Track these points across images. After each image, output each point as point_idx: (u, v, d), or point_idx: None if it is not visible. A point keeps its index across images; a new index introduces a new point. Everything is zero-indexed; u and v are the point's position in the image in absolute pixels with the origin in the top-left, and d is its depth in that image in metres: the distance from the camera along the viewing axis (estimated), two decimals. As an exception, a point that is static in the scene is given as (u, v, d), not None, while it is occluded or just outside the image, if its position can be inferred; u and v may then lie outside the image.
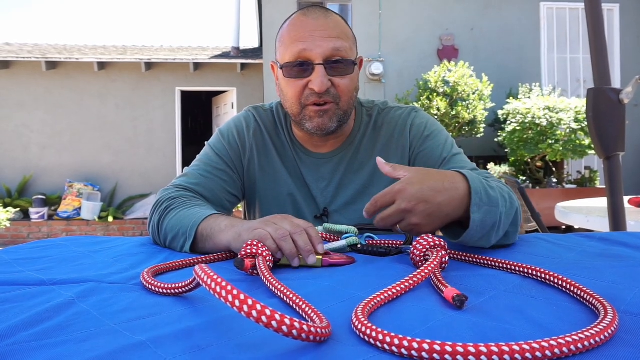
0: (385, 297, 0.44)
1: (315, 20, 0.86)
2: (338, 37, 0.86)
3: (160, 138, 7.17)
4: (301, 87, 0.87)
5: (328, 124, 0.89)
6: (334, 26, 0.87)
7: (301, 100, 0.88)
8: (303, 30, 0.85)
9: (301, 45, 0.84)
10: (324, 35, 0.85)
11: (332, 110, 0.88)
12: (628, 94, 1.35)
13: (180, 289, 0.47)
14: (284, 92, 0.91)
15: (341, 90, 0.88)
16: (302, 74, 0.86)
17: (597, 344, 0.33)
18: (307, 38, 0.84)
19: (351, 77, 0.89)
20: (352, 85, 0.90)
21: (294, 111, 0.90)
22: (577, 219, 1.92)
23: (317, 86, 0.84)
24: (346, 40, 0.87)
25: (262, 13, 6.74)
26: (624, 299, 0.45)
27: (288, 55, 0.86)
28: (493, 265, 0.58)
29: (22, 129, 6.96)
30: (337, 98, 0.88)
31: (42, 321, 0.41)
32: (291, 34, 0.87)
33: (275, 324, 0.33)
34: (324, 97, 0.86)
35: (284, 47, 0.88)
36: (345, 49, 0.86)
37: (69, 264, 0.65)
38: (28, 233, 6.53)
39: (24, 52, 7.01)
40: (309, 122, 0.89)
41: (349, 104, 0.91)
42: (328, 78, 0.85)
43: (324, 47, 0.84)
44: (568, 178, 6.20)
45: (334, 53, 0.85)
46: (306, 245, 0.60)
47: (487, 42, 6.75)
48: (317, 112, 0.88)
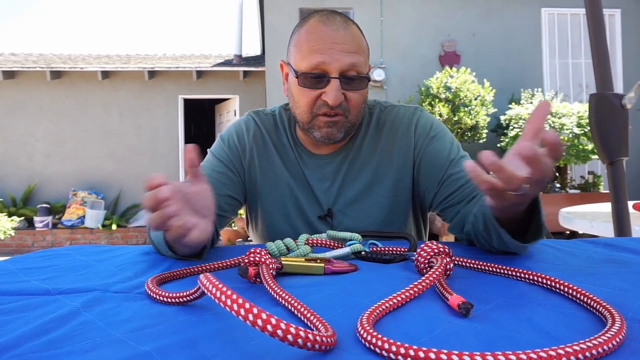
0: (390, 304, 0.44)
1: (335, 32, 0.86)
2: (356, 51, 0.86)
3: (163, 146, 7.20)
4: (314, 97, 0.88)
5: (336, 135, 0.90)
6: (352, 40, 0.87)
7: (313, 110, 0.89)
8: (322, 42, 0.85)
9: (319, 57, 0.85)
10: (342, 49, 0.85)
11: (341, 122, 0.89)
12: (631, 99, 1.35)
13: (185, 297, 0.47)
14: (296, 99, 0.91)
15: (352, 105, 0.89)
16: (317, 85, 0.87)
17: (605, 352, 0.33)
18: (325, 50, 0.85)
19: (363, 92, 0.90)
20: (362, 99, 0.91)
21: (304, 119, 0.91)
22: (582, 225, 1.91)
23: (331, 99, 0.85)
24: (362, 55, 0.88)
25: (264, 21, 6.79)
26: (630, 306, 0.44)
27: (305, 64, 0.86)
28: (498, 272, 0.58)
29: (27, 138, 7.01)
30: (347, 111, 0.89)
31: (48, 331, 0.41)
32: (310, 43, 0.86)
33: (281, 333, 0.33)
34: (335, 110, 0.87)
35: (300, 55, 0.88)
36: (361, 64, 0.87)
37: (73, 273, 0.65)
38: (32, 242, 6.55)
39: (29, 62, 7.08)
40: (317, 131, 0.90)
41: (358, 117, 0.92)
42: (342, 92, 0.86)
43: (341, 62, 0.84)
44: (571, 183, 6.18)
45: (350, 68, 0.85)
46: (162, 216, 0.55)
47: (489, 47, 6.76)
48: (327, 122, 0.89)
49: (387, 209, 0.96)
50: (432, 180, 0.94)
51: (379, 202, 0.96)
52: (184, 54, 8.46)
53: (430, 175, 0.94)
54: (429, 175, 0.94)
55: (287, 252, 0.72)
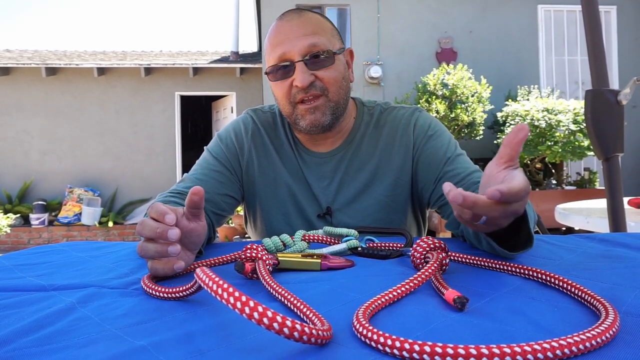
0: (386, 299, 0.44)
1: (289, 22, 0.90)
2: (313, 32, 0.88)
3: (160, 143, 7.17)
4: (287, 87, 0.89)
5: (321, 119, 0.90)
6: (307, 23, 0.89)
7: (290, 99, 0.90)
8: (279, 35, 0.89)
9: (279, 49, 0.88)
10: (298, 34, 0.87)
11: (323, 103, 0.89)
12: (626, 95, 1.36)
13: (181, 292, 0.47)
14: (275, 95, 0.94)
15: (327, 82, 0.89)
16: (286, 75, 0.89)
17: (598, 345, 0.33)
18: (283, 41, 0.88)
19: (334, 67, 0.90)
20: (339, 75, 0.91)
21: (287, 111, 0.92)
22: (577, 220, 1.92)
23: (300, 82, 0.86)
24: (322, 34, 0.89)
25: (261, 17, 6.76)
26: (624, 300, 0.45)
27: (271, 60, 0.90)
28: (493, 267, 0.58)
29: (23, 135, 6.97)
30: (325, 90, 0.89)
31: (43, 327, 0.41)
32: (271, 41, 0.91)
33: (277, 326, 0.33)
34: (310, 91, 0.88)
35: (267, 54, 0.92)
36: (321, 42, 0.88)
37: (69, 269, 0.65)
38: (28, 239, 6.52)
39: (24, 59, 7.02)
40: (302, 121, 0.91)
41: (339, 94, 0.91)
42: (310, 73, 0.87)
43: (299, 45, 0.87)
44: (567, 179, 6.21)
45: (310, 48, 0.87)
46: (152, 231, 0.53)
47: (486, 44, 6.77)
48: (308, 109, 0.89)
49: (386, 207, 0.97)
50: (429, 178, 0.94)
51: (378, 200, 0.97)
52: (180, 50, 8.42)
53: (427, 174, 0.95)
54: (426, 173, 0.95)
55: (284, 248, 0.72)
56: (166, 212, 0.53)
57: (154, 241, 0.54)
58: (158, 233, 0.52)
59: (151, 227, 0.53)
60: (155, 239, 0.54)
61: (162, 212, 0.53)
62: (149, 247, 0.54)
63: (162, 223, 0.53)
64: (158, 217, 0.54)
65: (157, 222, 0.53)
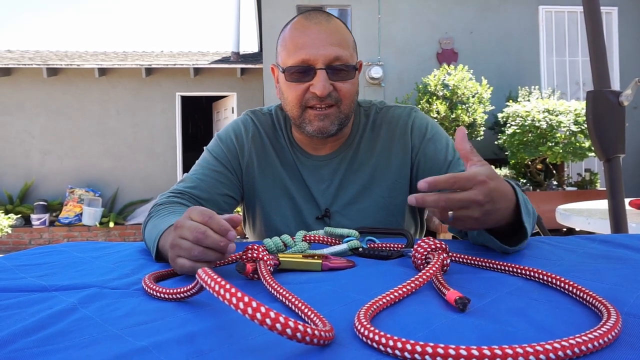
0: (388, 300, 0.44)
1: (317, 25, 0.87)
2: (339, 44, 0.87)
3: (160, 143, 7.17)
4: (302, 90, 0.88)
5: (329, 127, 0.90)
6: (335, 32, 0.88)
7: (302, 103, 0.89)
8: (305, 36, 0.87)
9: (304, 51, 0.86)
10: (325, 42, 0.86)
11: (334, 113, 0.90)
12: (627, 96, 1.36)
13: (182, 293, 0.47)
14: (285, 95, 0.92)
15: (343, 94, 0.89)
16: (304, 78, 0.88)
17: (600, 346, 0.33)
18: (309, 44, 0.86)
19: (352, 81, 0.90)
20: (353, 89, 0.91)
21: (294, 114, 0.91)
22: (578, 222, 1.92)
23: (319, 90, 0.86)
24: (346, 48, 0.89)
25: (262, 17, 6.76)
26: (626, 301, 0.45)
27: (291, 60, 0.88)
28: (495, 267, 0.58)
29: (24, 135, 6.97)
30: (339, 101, 0.89)
31: (44, 327, 0.41)
32: (294, 39, 0.88)
33: (280, 327, 0.33)
34: (325, 101, 0.88)
35: (286, 52, 0.89)
36: (346, 56, 0.88)
37: (70, 269, 0.65)
38: (29, 239, 6.52)
39: (25, 59, 7.03)
40: (309, 125, 0.90)
41: (350, 107, 0.92)
42: (330, 82, 0.87)
43: (326, 54, 0.86)
44: (568, 180, 6.20)
45: (335, 59, 0.86)
46: (216, 243, 0.56)
47: (486, 45, 6.76)
48: (318, 115, 0.89)
49: (384, 209, 0.97)
50: None
51: (376, 202, 0.97)
52: (181, 51, 8.42)
53: None
54: (427, 177, 0.95)
55: (285, 249, 0.72)
56: (229, 229, 0.57)
57: (202, 246, 0.56)
58: (221, 247, 0.56)
59: (214, 240, 0.56)
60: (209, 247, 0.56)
61: (226, 228, 0.56)
62: (208, 254, 0.56)
63: (225, 238, 0.56)
64: (221, 231, 0.56)
65: (220, 237, 0.56)
